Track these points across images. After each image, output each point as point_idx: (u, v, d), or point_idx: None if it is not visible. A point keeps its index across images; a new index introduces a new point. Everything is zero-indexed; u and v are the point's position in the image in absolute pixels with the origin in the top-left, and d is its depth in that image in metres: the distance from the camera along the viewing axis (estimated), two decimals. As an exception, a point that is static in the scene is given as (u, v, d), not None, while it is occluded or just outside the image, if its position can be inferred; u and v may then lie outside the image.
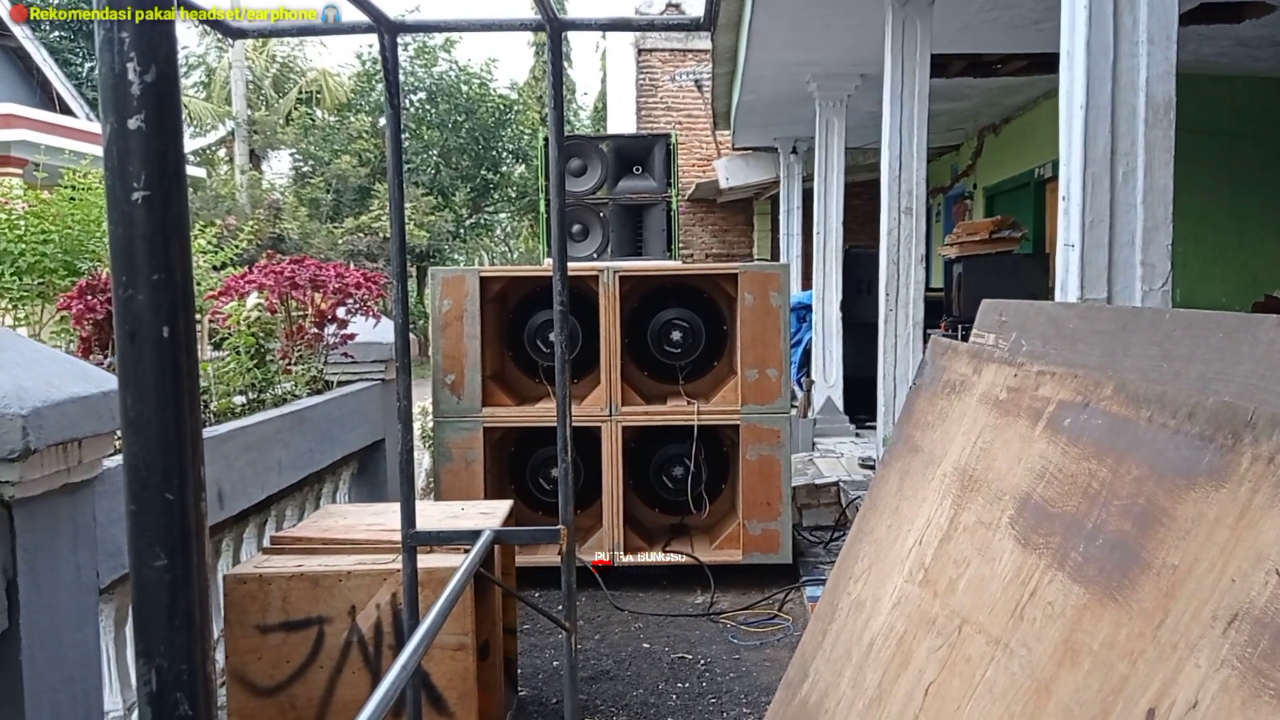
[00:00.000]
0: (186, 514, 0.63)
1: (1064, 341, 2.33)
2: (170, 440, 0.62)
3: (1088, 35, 2.44)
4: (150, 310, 0.61)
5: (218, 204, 18.84)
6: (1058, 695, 1.76)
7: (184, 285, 0.62)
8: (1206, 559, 1.57)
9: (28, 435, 1.98)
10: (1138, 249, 2.48)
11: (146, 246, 0.61)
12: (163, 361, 0.61)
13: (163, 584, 0.62)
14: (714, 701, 3.73)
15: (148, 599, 0.62)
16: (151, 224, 0.61)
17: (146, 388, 0.61)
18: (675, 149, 5.50)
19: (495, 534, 2.57)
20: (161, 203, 0.61)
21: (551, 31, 2.47)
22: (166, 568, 0.62)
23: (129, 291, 0.61)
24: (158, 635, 0.62)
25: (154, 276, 0.61)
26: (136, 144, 0.60)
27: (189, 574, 0.62)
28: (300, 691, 2.79)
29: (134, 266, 0.61)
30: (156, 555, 0.62)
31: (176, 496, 0.62)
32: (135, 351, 0.61)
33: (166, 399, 0.62)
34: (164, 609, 0.62)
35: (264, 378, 3.93)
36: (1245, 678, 1.40)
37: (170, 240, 0.61)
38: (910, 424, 2.86)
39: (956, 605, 2.21)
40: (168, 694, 0.62)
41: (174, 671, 0.62)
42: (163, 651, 0.62)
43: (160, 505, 0.62)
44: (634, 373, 5.32)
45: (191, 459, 0.62)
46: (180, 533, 0.62)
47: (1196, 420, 1.73)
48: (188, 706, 0.62)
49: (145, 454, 0.61)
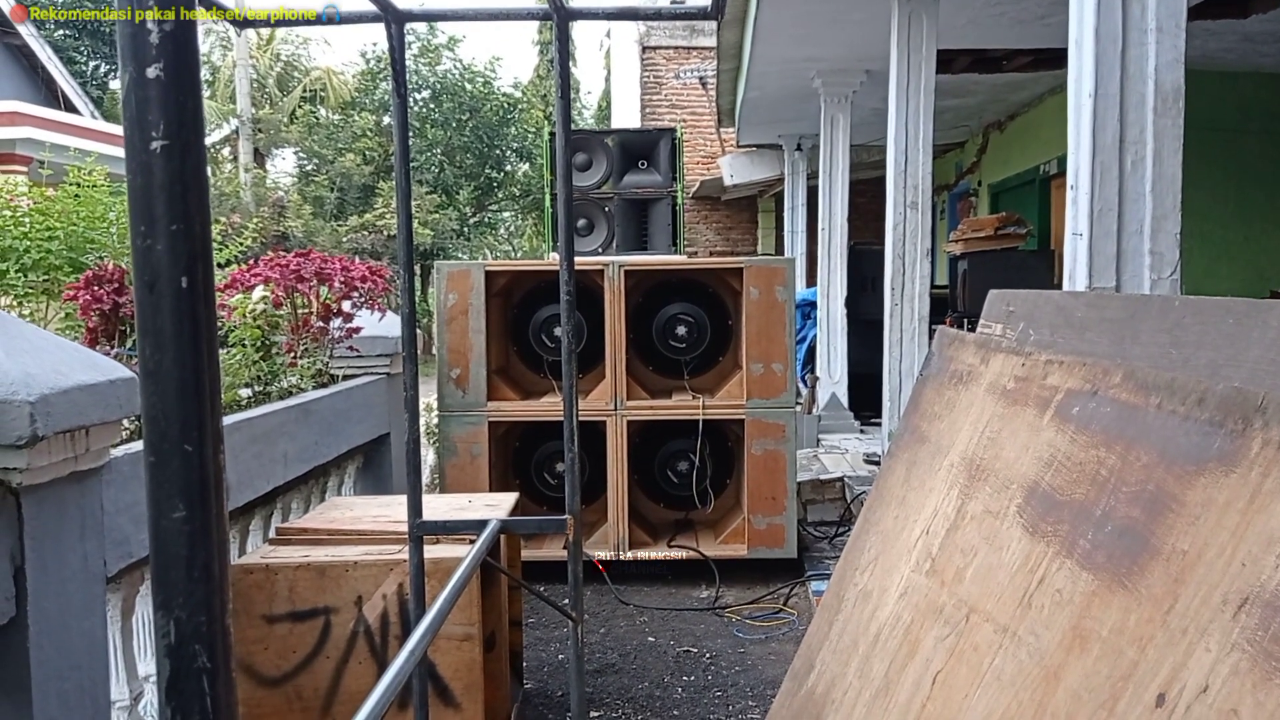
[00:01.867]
0: (205, 465, 0.63)
1: (1072, 330, 2.33)
2: (189, 391, 0.62)
3: (1096, 23, 2.44)
4: (169, 260, 0.61)
5: (222, 202, 18.87)
6: (1066, 682, 1.75)
7: (202, 236, 0.62)
8: (1216, 544, 1.56)
9: (35, 422, 1.98)
10: (1146, 237, 2.47)
11: (165, 196, 0.61)
12: (181, 312, 0.61)
13: (181, 535, 0.62)
14: (719, 694, 3.72)
15: (166, 551, 0.62)
16: (170, 173, 0.61)
17: (165, 338, 0.61)
18: (680, 143, 5.50)
19: (502, 523, 2.57)
20: (180, 152, 0.61)
21: (559, 21, 2.46)
22: (185, 519, 0.62)
23: (147, 241, 0.61)
24: (176, 587, 0.62)
25: (173, 226, 0.61)
26: (155, 93, 0.60)
27: (208, 526, 0.62)
28: (306, 682, 2.79)
29: (152, 216, 0.61)
30: (175, 506, 0.62)
31: (195, 447, 0.62)
32: (154, 302, 0.61)
33: (185, 349, 0.61)
34: (182, 561, 0.61)
35: (270, 370, 3.93)
36: (1256, 661, 1.39)
37: (189, 190, 0.61)
38: (917, 415, 2.85)
39: (964, 594, 2.21)
40: (186, 646, 0.62)
41: (193, 624, 0.62)
42: (181, 604, 0.61)
43: (179, 456, 0.62)
44: (639, 367, 5.32)
45: (210, 410, 0.62)
46: (199, 484, 0.62)
47: (1206, 406, 1.72)
48: (206, 658, 0.62)
49: (164, 405, 0.61)
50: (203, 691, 0.62)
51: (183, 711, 0.62)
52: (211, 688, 0.63)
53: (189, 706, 0.62)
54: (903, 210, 5.42)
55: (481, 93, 22.96)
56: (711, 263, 5.42)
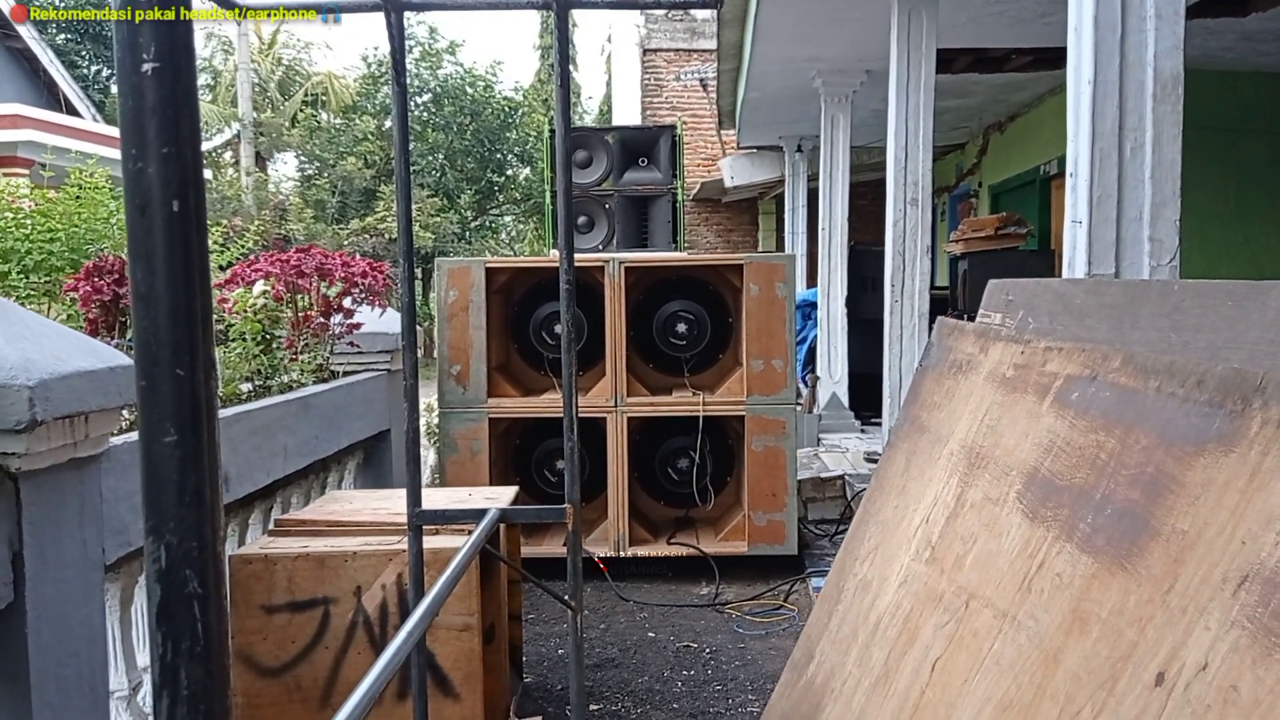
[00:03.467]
0: (197, 389, 0.62)
1: (1071, 317, 2.33)
2: (180, 315, 0.61)
3: (1095, 10, 2.44)
4: (160, 183, 0.60)
5: (224, 205, 18.88)
6: (1066, 664, 1.75)
7: (194, 160, 0.62)
8: (1216, 523, 1.56)
9: (34, 407, 1.98)
10: (1145, 224, 2.47)
11: (157, 119, 0.61)
12: (172, 235, 0.61)
13: (173, 460, 0.61)
14: (719, 688, 3.72)
15: (158, 475, 0.61)
16: (161, 96, 0.61)
17: (156, 261, 0.61)
18: (681, 141, 5.51)
19: (501, 512, 2.56)
20: (172, 76, 0.61)
21: (558, 9, 2.47)
22: (177, 444, 0.61)
23: (138, 165, 0.61)
24: (167, 512, 0.61)
25: (164, 150, 0.61)
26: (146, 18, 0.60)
27: (199, 450, 0.62)
28: (306, 672, 2.79)
29: (144, 140, 0.61)
30: (167, 431, 0.61)
31: (187, 372, 0.62)
32: (145, 225, 0.61)
33: (177, 273, 0.61)
34: (173, 485, 0.61)
35: (270, 365, 3.93)
36: (1256, 637, 1.39)
37: (180, 114, 0.61)
38: (917, 405, 2.85)
39: (964, 581, 2.21)
40: (177, 570, 0.61)
41: (183, 548, 0.61)
42: (172, 528, 0.61)
43: (171, 380, 0.62)
44: (639, 364, 5.31)
45: (202, 334, 0.62)
46: (191, 408, 0.62)
47: (1206, 388, 1.72)
48: (197, 584, 0.62)
49: (155, 329, 0.61)
50: (193, 617, 0.62)
51: (173, 638, 0.62)
52: (203, 614, 0.62)
53: (179, 632, 0.62)
54: (903, 207, 5.42)
55: (482, 97, 22.99)
56: (712, 259, 5.42)
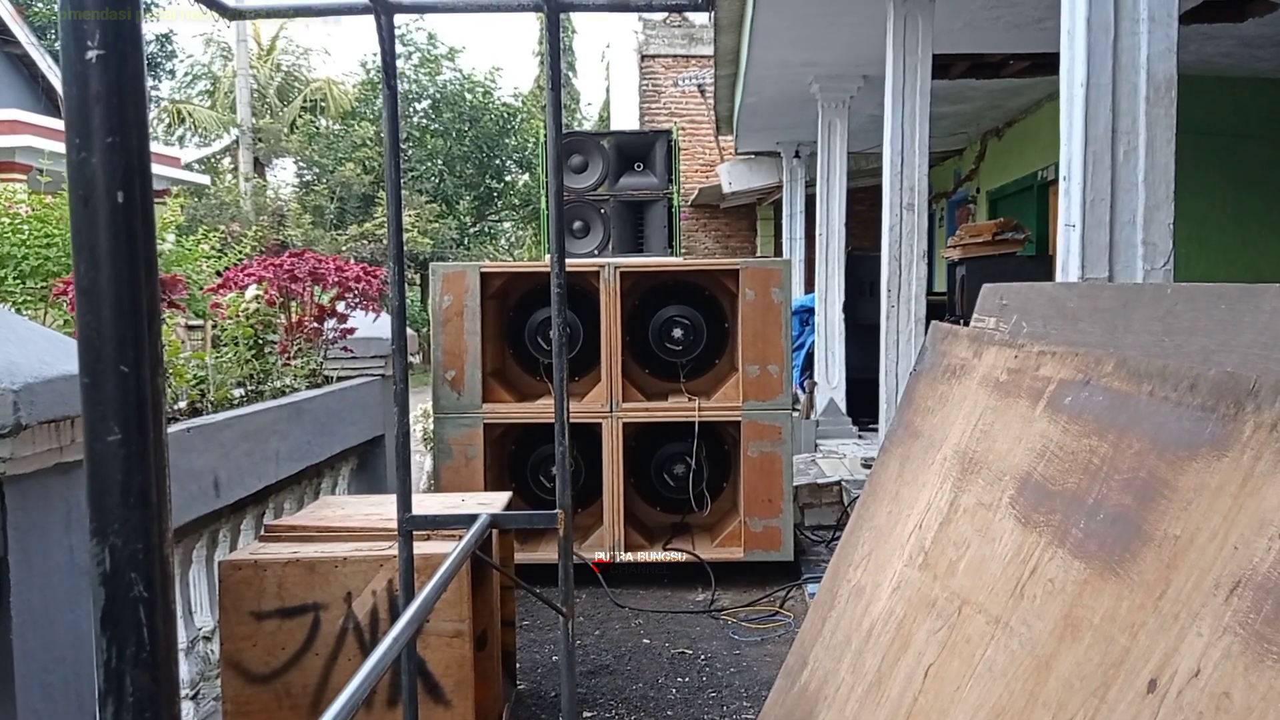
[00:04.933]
0: (143, 386, 0.61)
1: (1065, 321, 2.31)
2: (125, 310, 0.60)
3: (1088, 12, 2.43)
4: (104, 173, 0.59)
5: (222, 211, 18.89)
6: (1058, 671, 1.73)
7: (140, 149, 0.61)
8: (1209, 528, 1.55)
9: (19, 410, 1.97)
10: (1139, 228, 2.45)
11: (101, 108, 0.59)
12: (117, 227, 0.60)
13: (117, 459, 0.60)
14: (714, 695, 3.70)
15: (102, 475, 0.60)
16: (106, 84, 0.59)
17: (100, 254, 0.59)
18: (677, 146, 5.49)
19: (492, 518, 2.54)
20: (117, 63, 0.59)
21: (549, 11, 2.45)
22: (121, 442, 0.60)
23: (82, 154, 0.59)
24: (111, 513, 0.60)
25: (108, 139, 0.59)
26: (91, 1, 0.58)
27: (145, 449, 0.60)
28: (296, 679, 2.77)
29: (88, 128, 0.59)
30: (110, 429, 0.60)
31: (132, 368, 0.60)
32: (88, 217, 0.59)
33: (121, 266, 0.60)
34: (118, 485, 0.60)
35: (262, 370, 3.92)
36: (1248, 644, 1.37)
37: (126, 102, 0.60)
38: (911, 409, 2.84)
39: (956, 587, 2.19)
40: (122, 574, 0.60)
41: (129, 550, 0.60)
42: (116, 530, 0.60)
43: (115, 377, 0.60)
44: (635, 370, 5.30)
45: (148, 330, 0.60)
46: (136, 406, 0.60)
47: (1199, 391, 1.71)
48: (143, 588, 0.60)
49: (98, 324, 0.59)
50: (139, 621, 0.60)
51: (118, 643, 0.60)
52: (149, 618, 0.61)
53: (124, 637, 0.60)
54: (899, 212, 5.41)
55: (481, 103, 23.01)
56: (708, 264, 5.40)
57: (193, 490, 2.91)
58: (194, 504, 2.93)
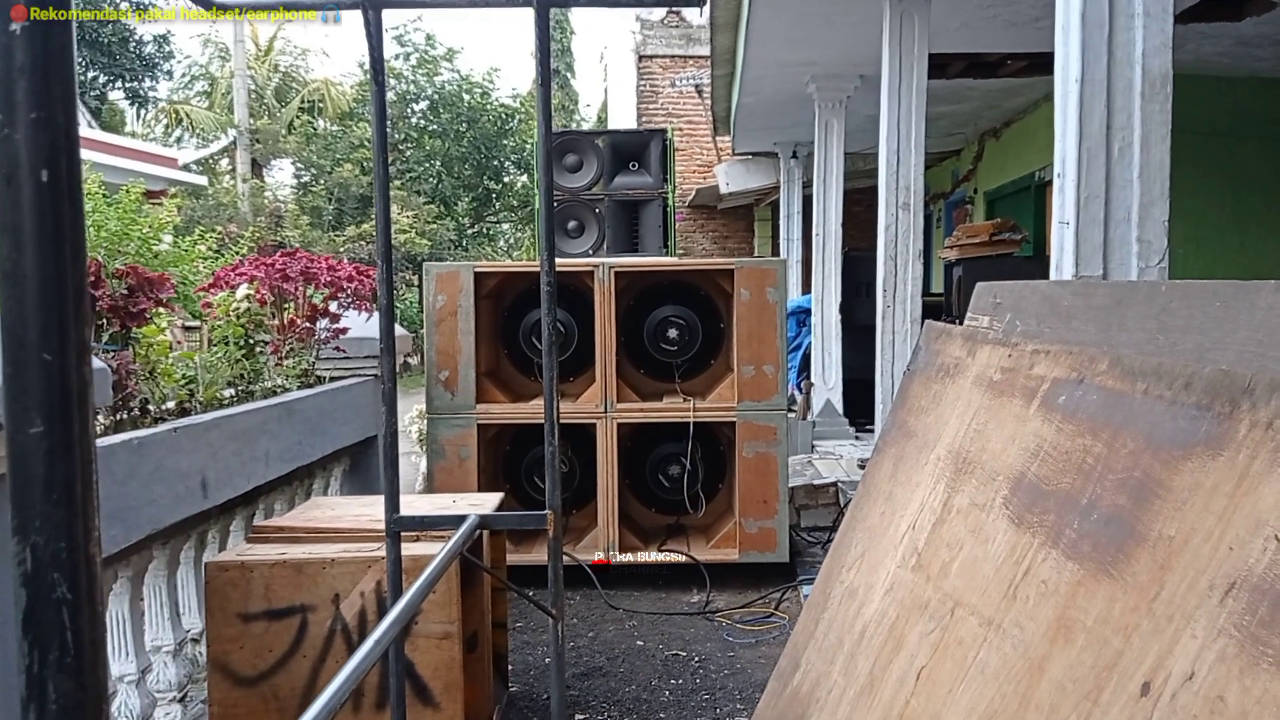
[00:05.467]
0: (67, 375, 0.58)
1: (1058, 320, 2.29)
2: (50, 295, 0.57)
3: (1083, 8, 2.40)
4: (29, 151, 0.56)
5: (220, 212, 18.86)
6: (1051, 673, 1.71)
7: (67, 126, 0.58)
8: (1203, 528, 1.52)
9: None
10: (1134, 225, 2.43)
11: (26, 81, 0.56)
12: (42, 208, 0.57)
13: (39, 453, 0.57)
14: (707, 698, 3.67)
15: (23, 470, 0.57)
16: (31, 56, 0.56)
17: (24, 235, 0.57)
18: (672, 145, 5.46)
19: (481, 519, 2.52)
20: (43, 34, 0.57)
21: (538, 8, 2.43)
22: (43, 435, 0.57)
23: (5, 131, 0.56)
24: (33, 510, 0.57)
25: (32, 114, 0.56)
26: (17, -27, 0.56)
27: (69, 442, 0.57)
28: (283, 681, 2.74)
29: (12, 103, 0.56)
30: (32, 421, 0.57)
31: (55, 357, 0.57)
32: (11, 196, 0.56)
33: (47, 249, 0.57)
34: (40, 481, 0.57)
35: (253, 370, 3.89)
36: (1243, 646, 1.35)
37: (52, 76, 0.57)
38: (904, 409, 2.81)
39: (949, 588, 2.16)
40: (44, 574, 0.57)
41: (51, 550, 0.57)
42: (38, 528, 0.57)
43: (38, 366, 0.57)
44: (630, 370, 5.27)
45: (74, 316, 0.58)
46: (60, 396, 0.58)
47: (1193, 390, 1.68)
48: (66, 589, 0.57)
49: (21, 310, 0.57)
50: (62, 624, 0.58)
51: (40, 646, 0.57)
52: (73, 620, 0.58)
53: (47, 640, 0.57)
54: (895, 211, 5.39)
55: (479, 104, 22.98)
56: (703, 264, 5.37)
57: (180, 491, 2.88)
58: (181, 505, 2.90)
